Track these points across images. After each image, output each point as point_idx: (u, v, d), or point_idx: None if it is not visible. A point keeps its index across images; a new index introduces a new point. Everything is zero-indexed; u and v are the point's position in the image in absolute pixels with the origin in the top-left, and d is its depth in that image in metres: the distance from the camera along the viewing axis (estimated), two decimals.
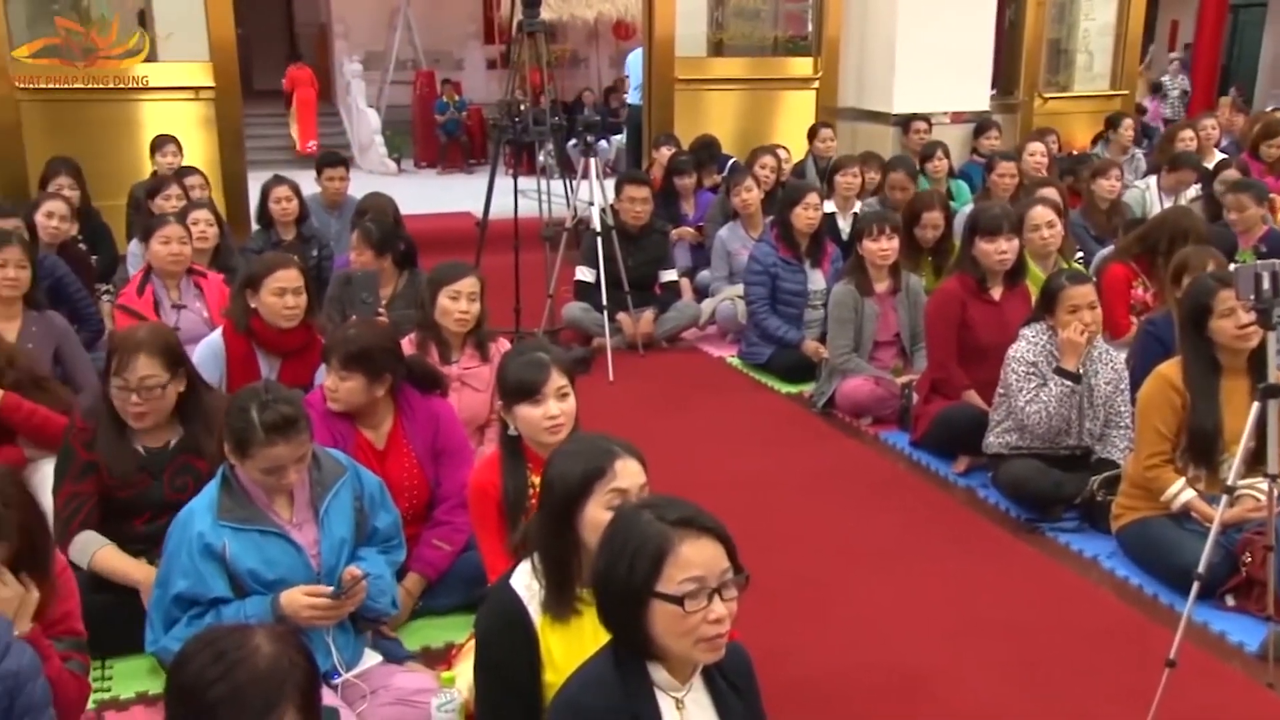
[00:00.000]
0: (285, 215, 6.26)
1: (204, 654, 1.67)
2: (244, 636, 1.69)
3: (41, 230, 5.58)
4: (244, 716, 1.62)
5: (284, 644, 1.71)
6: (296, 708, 1.66)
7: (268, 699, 1.63)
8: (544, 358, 2.93)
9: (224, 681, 1.63)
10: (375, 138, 15.32)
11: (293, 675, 1.67)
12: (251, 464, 2.73)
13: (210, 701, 1.62)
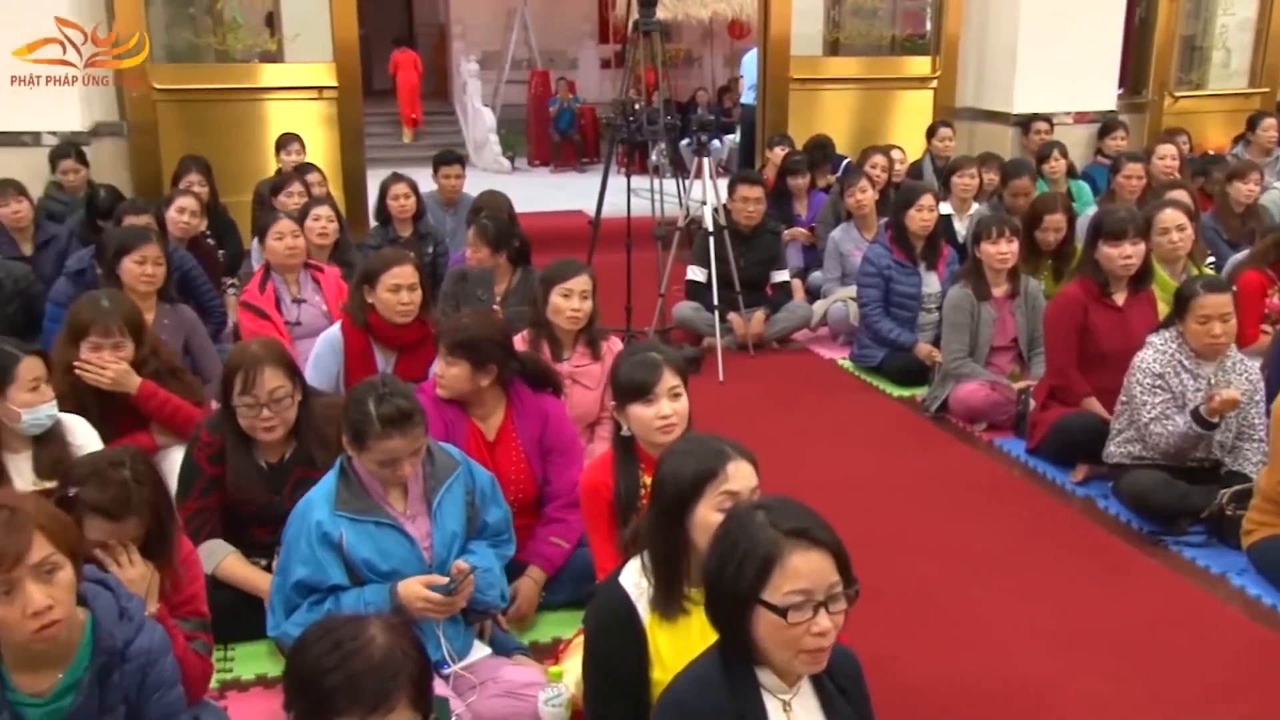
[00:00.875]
0: (403, 212, 6.39)
1: (321, 643, 1.71)
2: (360, 627, 1.73)
3: (172, 225, 5.79)
4: (359, 705, 1.65)
5: (398, 635, 1.74)
6: (409, 699, 1.69)
7: (382, 689, 1.66)
8: (657, 358, 2.92)
9: (340, 670, 1.67)
10: (490, 136, 15.54)
11: (406, 667, 1.70)
12: (368, 456, 2.79)
13: (327, 689, 1.66)
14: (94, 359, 3.78)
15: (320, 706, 1.67)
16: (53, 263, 5.83)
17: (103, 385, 3.79)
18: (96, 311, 3.84)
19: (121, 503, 2.48)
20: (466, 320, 3.56)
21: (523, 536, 3.42)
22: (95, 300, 3.93)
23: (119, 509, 2.48)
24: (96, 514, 2.47)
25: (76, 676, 2.18)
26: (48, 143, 7.22)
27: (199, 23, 8.35)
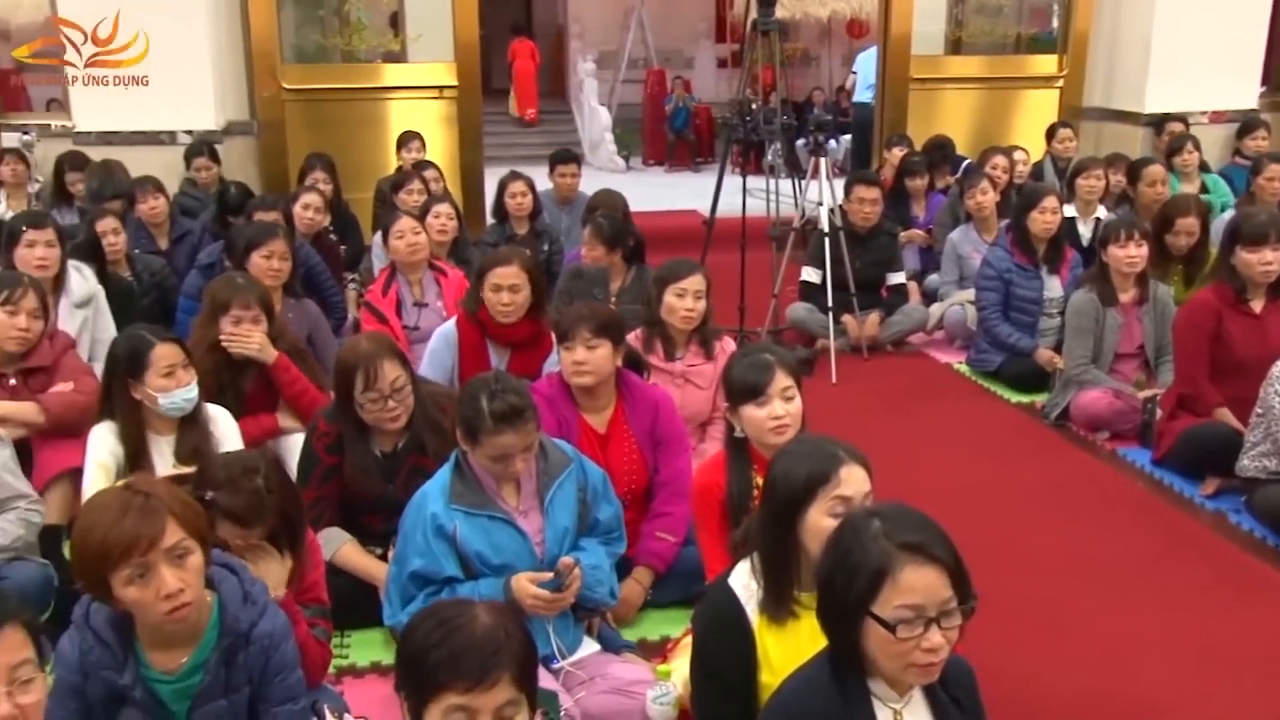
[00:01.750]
0: (520, 210, 6.47)
1: (428, 621, 1.76)
2: (465, 607, 1.78)
3: (298, 221, 5.94)
4: (461, 680, 1.69)
5: (502, 617, 1.78)
6: (511, 677, 1.72)
7: (483, 665, 1.69)
8: (770, 359, 2.91)
9: (443, 646, 1.71)
10: (605, 135, 15.64)
11: (508, 646, 1.73)
12: (480, 451, 2.83)
13: (431, 664, 1.71)
14: (238, 331, 3.96)
15: (425, 682, 1.71)
16: (186, 257, 6.05)
17: (249, 353, 3.98)
18: (235, 288, 4.03)
19: (253, 510, 2.57)
20: (587, 307, 3.60)
21: (632, 531, 3.44)
22: (231, 279, 4.14)
23: (250, 516, 2.57)
24: (228, 519, 2.56)
25: (204, 656, 2.26)
26: (183, 141, 7.51)
27: (327, 24, 8.59)
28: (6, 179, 7.27)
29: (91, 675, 2.23)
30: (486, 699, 1.69)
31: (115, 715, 2.26)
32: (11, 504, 3.26)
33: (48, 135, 7.95)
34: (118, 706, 2.25)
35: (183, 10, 7.45)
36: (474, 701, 1.69)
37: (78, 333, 4.55)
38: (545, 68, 19.52)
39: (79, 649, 2.23)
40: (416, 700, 1.73)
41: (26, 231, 4.61)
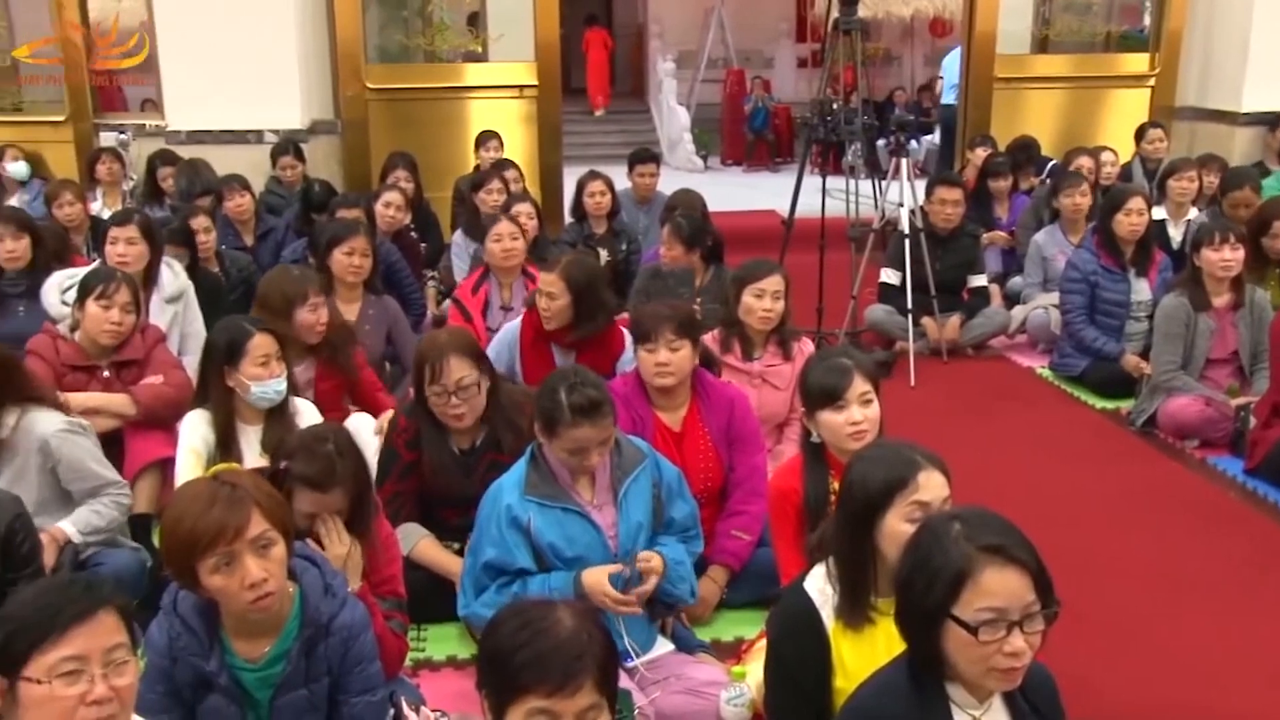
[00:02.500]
0: (598, 209, 6.49)
1: (512, 622, 1.76)
2: (548, 609, 1.78)
3: (379, 219, 6.03)
4: (545, 684, 1.69)
5: (585, 620, 1.78)
6: (594, 681, 1.72)
7: (567, 669, 1.70)
8: (848, 363, 2.88)
9: (528, 649, 1.71)
10: (684, 135, 15.63)
11: (591, 649, 1.73)
12: (557, 444, 2.85)
13: (515, 667, 1.71)
14: (317, 318, 4.05)
15: (509, 684, 1.72)
16: (270, 253, 6.17)
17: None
18: (303, 277, 4.10)
19: (327, 474, 2.61)
20: (666, 306, 3.59)
21: (707, 530, 3.43)
22: (286, 271, 4.18)
23: (325, 479, 2.61)
24: (305, 485, 2.61)
25: (285, 646, 2.31)
26: (269, 140, 7.66)
27: (410, 25, 8.71)
28: (103, 178, 7.49)
29: (180, 660, 2.28)
30: (569, 703, 1.69)
31: (202, 700, 2.31)
32: (102, 491, 3.36)
33: (142, 134, 8.17)
34: (204, 692, 2.31)
35: (271, 12, 7.61)
36: (557, 705, 1.69)
37: (168, 327, 4.66)
38: (624, 67, 19.59)
39: (167, 635, 2.29)
40: (498, 700, 1.74)
41: (111, 229, 4.77)
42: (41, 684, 1.75)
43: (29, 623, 1.78)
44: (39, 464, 3.27)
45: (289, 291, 4.04)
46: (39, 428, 3.26)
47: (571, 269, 4.19)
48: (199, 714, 2.32)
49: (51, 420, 3.29)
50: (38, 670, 1.75)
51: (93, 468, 3.35)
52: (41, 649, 1.76)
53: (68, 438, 3.30)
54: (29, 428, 3.25)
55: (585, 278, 4.19)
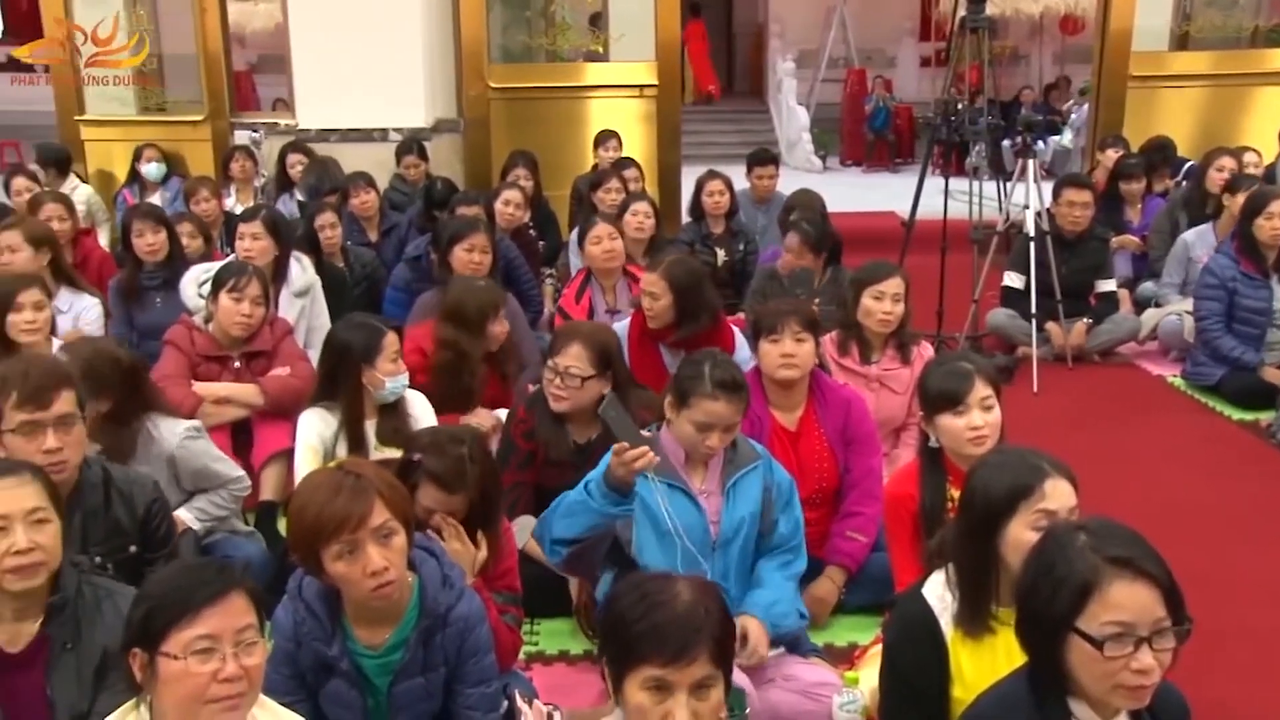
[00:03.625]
0: (717, 209, 6.47)
1: (632, 594, 1.82)
2: (668, 583, 1.83)
3: (499, 216, 6.11)
4: (661, 654, 1.73)
5: (703, 594, 1.82)
6: (709, 654, 1.75)
7: (684, 640, 1.73)
8: (968, 367, 2.84)
9: (645, 620, 1.76)
10: (803, 135, 15.51)
11: (708, 623, 1.77)
12: (687, 415, 2.85)
13: (632, 637, 1.76)
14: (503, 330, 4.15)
15: (626, 653, 1.77)
16: (394, 249, 6.30)
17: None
18: (491, 289, 4.16)
19: (456, 475, 2.66)
20: (786, 303, 3.61)
21: (821, 530, 3.43)
22: (473, 284, 4.19)
23: (452, 481, 2.66)
24: (432, 482, 2.66)
25: (404, 635, 2.36)
26: (393, 139, 7.83)
27: (533, 25, 8.82)
28: (236, 175, 7.76)
29: (304, 644, 2.35)
30: (684, 674, 1.73)
31: (324, 684, 2.38)
32: (220, 486, 3.45)
33: (274, 133, 8.44)
34: (326, 676, 2.37)
35: (398, 14, 7.78)
36: (672, 675, 1.73)
37: (296, 320, 4.80)
38: (743, 67, 19.49)
39: (293, 619, 2.36)
40: (617, 669, 1.79)
41: (239, 225, 4.94)
42: (178, 660, 1.82)
43: (167, 601, 1.86)
44: (167, 477, 3.29)
45: (484, 304, 4.10)
46: (166, 440, 3.31)
47: (673, 269, 4.19)
48: (321, 697, 2.39)
49: (174, 429, 3.34)
50: (174, 646, 1.83)
51: (213, 468, 3.42)
52: (178, 626, 1.83)
53: (189, 445, 3.35)
54: (157, 438, 3.30)
55: (687, 277, 4.19)
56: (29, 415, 2.66)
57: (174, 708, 1.85)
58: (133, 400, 3.28)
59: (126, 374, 3.28)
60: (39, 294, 4.00)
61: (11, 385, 2.68)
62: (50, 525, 2.23)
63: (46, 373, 2.75)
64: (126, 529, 2.81)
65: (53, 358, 3.29)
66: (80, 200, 7.18)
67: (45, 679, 2.24)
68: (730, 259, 6.32)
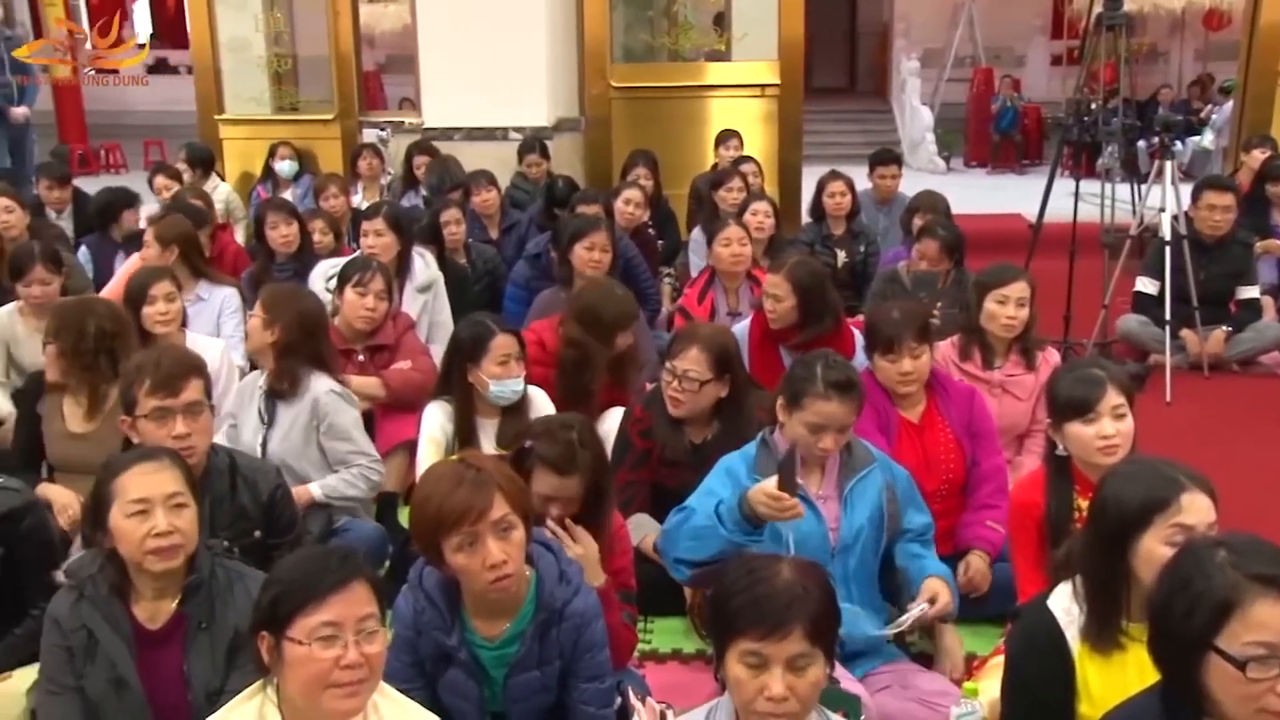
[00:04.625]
0: (838, 209, 6.40)
1: (738, 570, 1.92)
2: (772, 560, 1.93)
3: (619, 215, 6.13)
4: (757, 626, 1.82)
5: (805, 574, 1.89)
6: (804, 631, 1.81)
7: (778, 616, 1.80)
8: (1100, 374, 2.77)
9: (745, 594, 1.85)
10: (926, 135, 15.25)
11: (804, 601, 1.83)
12: (800, 417, 2.83)
13: (733, 609, 1.85)
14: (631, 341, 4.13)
15: (727, 625, 1.86)
16: (514, 246, 6.39)
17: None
18: (627, 300, 4.15)
19: (568, 459, 2.68)
20: (903, 310, 3.55)
21: (950, 522, 3.39)
22: (611, 292, 4.17)
23: (565, 464, 2.68)
24: (545, 467, 2.68)
25: (521, 628, 2.39)
26: (515, 137, 7.93)
27: (656, 24, 8.84)
28: (363, 172, 7.96)
29: (423, 633, 2.40)
30: (778, 648, 1.81)
31: (442, 673, 2.42)
32: (355, 460, 3.58)
33: (400, 131, 8.63)
34: (444, 665, 2.41)
35: (523, 15, 7.88)
36: (766, 649, 1.81)
37: (418, 315, 4.90)
38: (867, 66, 19.25)
39: (413, 608, 2.40)
40: (719, 641, 1.88)
41: (363, 221, 5.07)
42: (302, 645, 1.88)
43: (294, 587, 1.91)
44: (306, 420, 3.54)
45: (619, 315, 4.05)
46: (314, 386, 3.56)
47: (797, 270, 4.16)
48: (440, 686, 2.43)
49: (325, 382, 3.59)
50: (299, 632, 1.88)
51: (353, 433, 3.59)
52: (304, 612, 1.88)
53: (336, 400, 3.57)
54: (309, 384, 3.56)
55: (811, 279, 4.15)
56: (160, 402, 2.81)
57: (298, 690, 1.90)
58: (302, 342, 3.56)
59: (301, 315, 3.60)
60: (170, 286, 4.15)
61: (145, 373, 2.84)
62: (188, 510, 2.32)
63: (177, 362, 2.90)
64: (251, 514, 2.91)
65: (183, 348, 3.46)
66: (219, 198, 7.46)
67: (182, 656, 2.33)
68: (850, 260, 6.25)
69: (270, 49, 9.20)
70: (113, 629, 2.32)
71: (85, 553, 2.47)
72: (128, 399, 2.88)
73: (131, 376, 2.89)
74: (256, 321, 3.67)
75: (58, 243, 5.31)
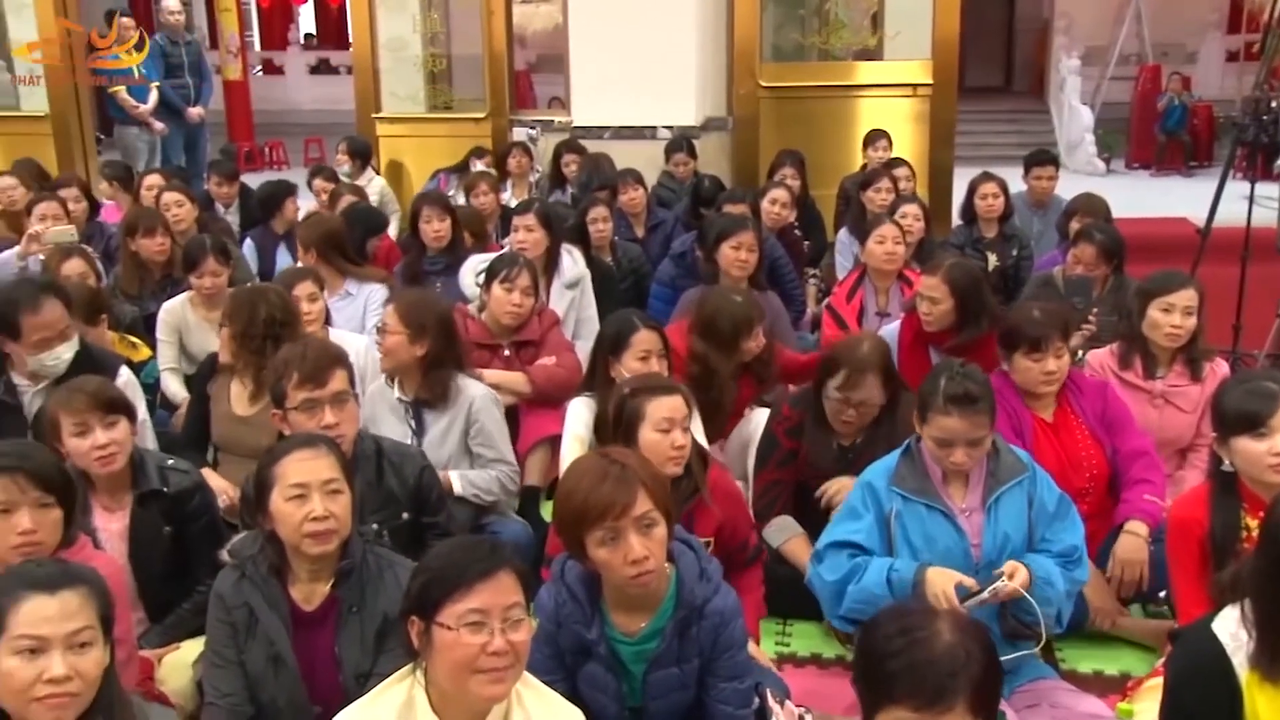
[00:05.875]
0: (990, 212, 6.22)
1: (890, 626, 1.75)
2: (929, 618, 1.75)
3: (765, 215, 6.09)
4: (915, 697, 1.66)
5: (966, 635, 1.72)
6: (968, 702, 1.66)
7: (939, 687, 1.66)
8: (1274, 387, 2.65)
9: (901, 657, 1.69)
10: (1085, 136, 14.71)
11: (968, 669, 1.68)
12: (927, 431, 2.81)
13: (887, 673, 1.70)
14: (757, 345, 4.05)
15: (879, 689, 1.71)
16: (659, 245, 6.40)
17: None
18: (749, 305, 4.06)
19: None
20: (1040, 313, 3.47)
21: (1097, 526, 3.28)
22: (729, 297, 4.11)
23: None
24: None
25: (661, 624, 2.40)
26: (663, 136, 7.96)
27: (807, 23, 8.76)
28: (513, 170, 8.10)
29: (564, 626, 2.43)
30: None
31: (581, 667, 2.45)
32: (494, 465, 3.65)
33: (549, 130, 8.76)
34: (584, 659, 2.44)
35: (673, 14, 7.91)
36: None
37: (564, 312, 4.96)
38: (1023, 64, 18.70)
39: (555, 601, 2.44)
40: (870, 701, 1.74)
41: (514, 218, 5.16)
42: (451, 630, 1.92)
43: (443, 574, 1.96)
44: (462, 425, 3.61)
45: (739, 321, 3.97)
46: (470, 389, 3.64)
47: (954, 272, 4.08)
48: (579, 678, 2.46)
49: (476, 385, 3.68)
50: (448, 617, 1.93)
51: (498, 438, 3.66)
52: (452, 599, 1.93)
53: (488, 404, 3.66)
54: (463, 388, 3.63)
55: (969, 281, 4.07)
56: (308, 393, 2.93)
57: (446, 674, 1.95)
58: (447, 349, 3.60)
59: (443, 322, 3.62)
60: (312, 286, 4.27)
61: (293, 367, 2.96)
62: (343, 496, 2.41)
63: (321, 354, 3.03)
64: (400, 497, 3.01)
65: (326, 340, 3.59)
66: (374, 190, 7.70)
67: (334, 637, 2.42)
68: (1002, 264, 6.07)
69: (426, 49, 9.44)
70: (271, 608, 2.42)
71: (247, 534, 2.59)
72: (277, 393, 3.00)
73: (279, 371, 3.01)
74: (399, 339, 3.54)
75: (225, 236, 5.57)
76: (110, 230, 6.21)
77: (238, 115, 14.60)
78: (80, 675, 1.85)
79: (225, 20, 14.80)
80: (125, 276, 5.31)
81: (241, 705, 2.43)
